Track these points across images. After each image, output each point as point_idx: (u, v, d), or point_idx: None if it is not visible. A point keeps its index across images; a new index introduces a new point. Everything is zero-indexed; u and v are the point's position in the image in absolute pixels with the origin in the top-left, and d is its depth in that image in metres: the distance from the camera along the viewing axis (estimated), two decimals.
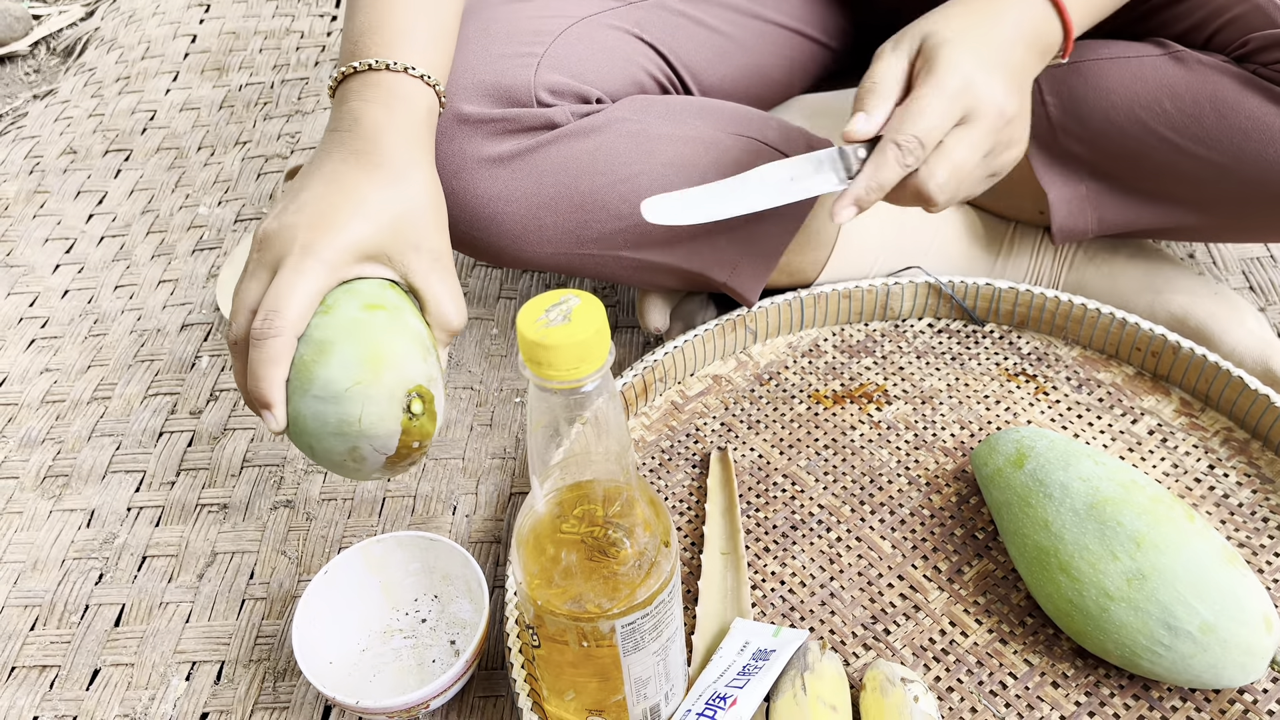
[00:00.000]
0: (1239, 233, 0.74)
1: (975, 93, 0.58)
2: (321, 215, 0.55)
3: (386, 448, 0.55)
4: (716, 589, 0.66)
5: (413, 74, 0.60)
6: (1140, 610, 0.56)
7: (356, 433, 0.54)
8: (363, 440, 0.54)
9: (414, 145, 0.59)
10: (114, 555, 0.76)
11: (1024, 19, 0.61)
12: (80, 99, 1.24)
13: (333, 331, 0.54)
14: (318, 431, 0.54)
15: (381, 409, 0.53)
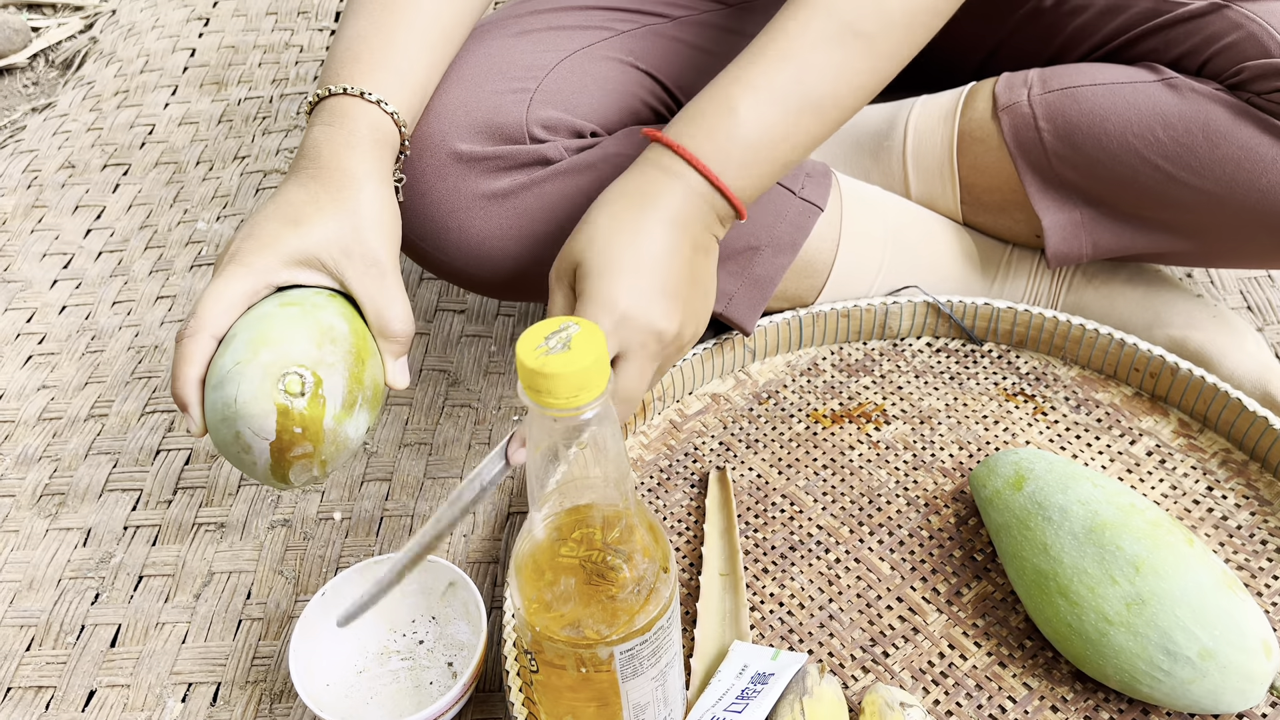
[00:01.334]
0: (1233, 259, 0.74)
1: (631, 327, 0.56)
2: (257, 227, 0.57)
3: (264, 430, 0.53)
4: (715, 611, 0.66)
5: (369, 99, 0.61)
6: (1139, 635, 0.56)
7: (234, 414, 0.53)
8: (240, 422, 0.53)
9: (363, 161, 0.60)
10: (110, 575, 0.76)
11: (683, 206, 0.58)
12: (79, 112, 1.24)
13: (240, 326, 0.55)
14: (212, 421, 0.54)
15: (254, 386, 0.53)
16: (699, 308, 0.60)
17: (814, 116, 0.61)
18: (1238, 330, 0.77)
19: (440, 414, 0.85)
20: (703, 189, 0.59)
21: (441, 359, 0.89)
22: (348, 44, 0.63)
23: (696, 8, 0.80)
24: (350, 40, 0.63)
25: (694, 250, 0.59)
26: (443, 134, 0.67)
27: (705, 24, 0.80)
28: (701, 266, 0.60)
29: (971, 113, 0.78)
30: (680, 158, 0.59)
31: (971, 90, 0.80)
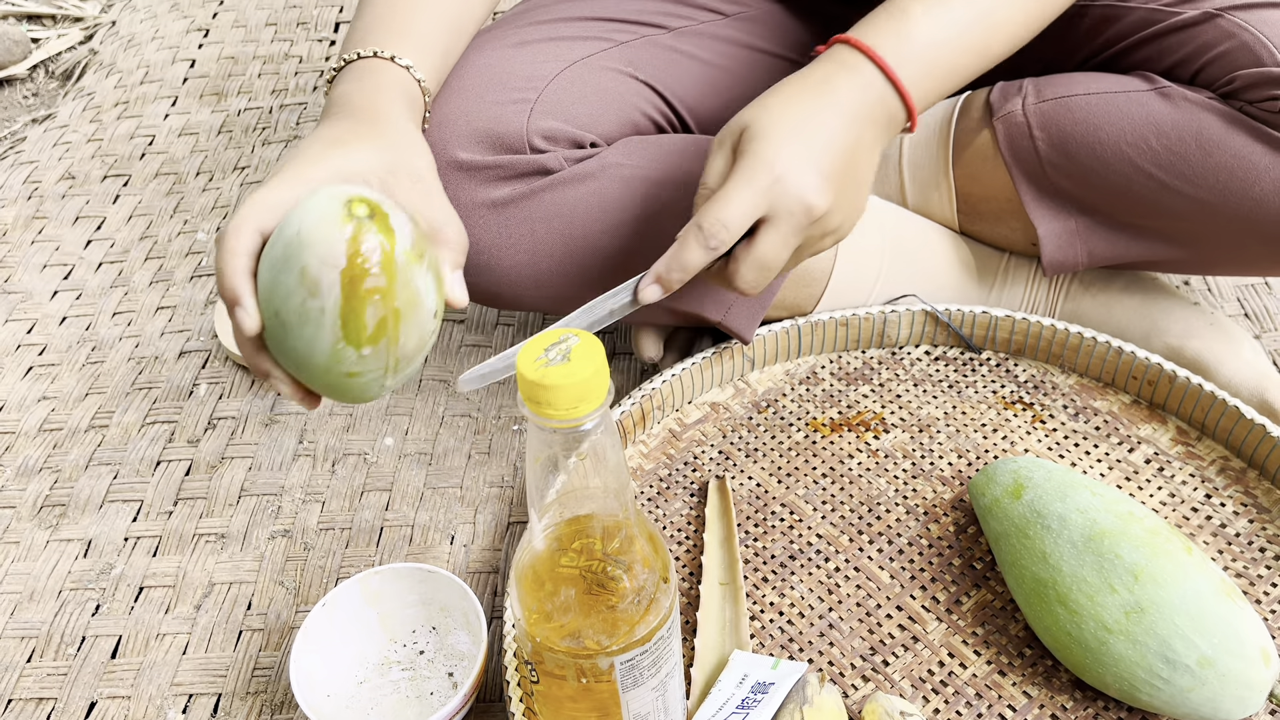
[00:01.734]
0: (1228, 267, 0.74)
1: (782, 190, 0.57)
2: (300, 151, 0.55)
3: (333, 256, 0.47)
4: (715, 621, 0.66)
5: (399, 63, 0.61)
6: (1138, 644, 0.56)
7: (299, 244, 0.48)
8: (307, 252, 0.48)
9: (395, 104, 0.60)
10: (111, 586, 0.76)
11: (859, 100, 0.60)
12: (79, 124, 1.25)
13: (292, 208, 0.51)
14: (270, 280, 0.49)
15: (320, 208, 0.48)
16: (853, 202, 0.61)
17: (983, 32, 0.63)
18: (1235, 338, 0.77)
19: (440, 424, 0.85)
20: (880, 86, 0.60)
21: (441, 369, 0.90)
22: (367, 23, 0.64)
23: (695, 18, 0.80)
24: (370, 20, 0.64)
25: (859, 146, 0.60)
26: (444, 142, 0.67)
27: (704, 34, 0.81)
28: (864, 164, 0.61)
29: (966, 122, 0.79)
30: (861, 53, 0.60)
31: (966, 99, 0.80)
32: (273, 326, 0.51)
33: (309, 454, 0.83)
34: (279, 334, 0.51)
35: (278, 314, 0.50)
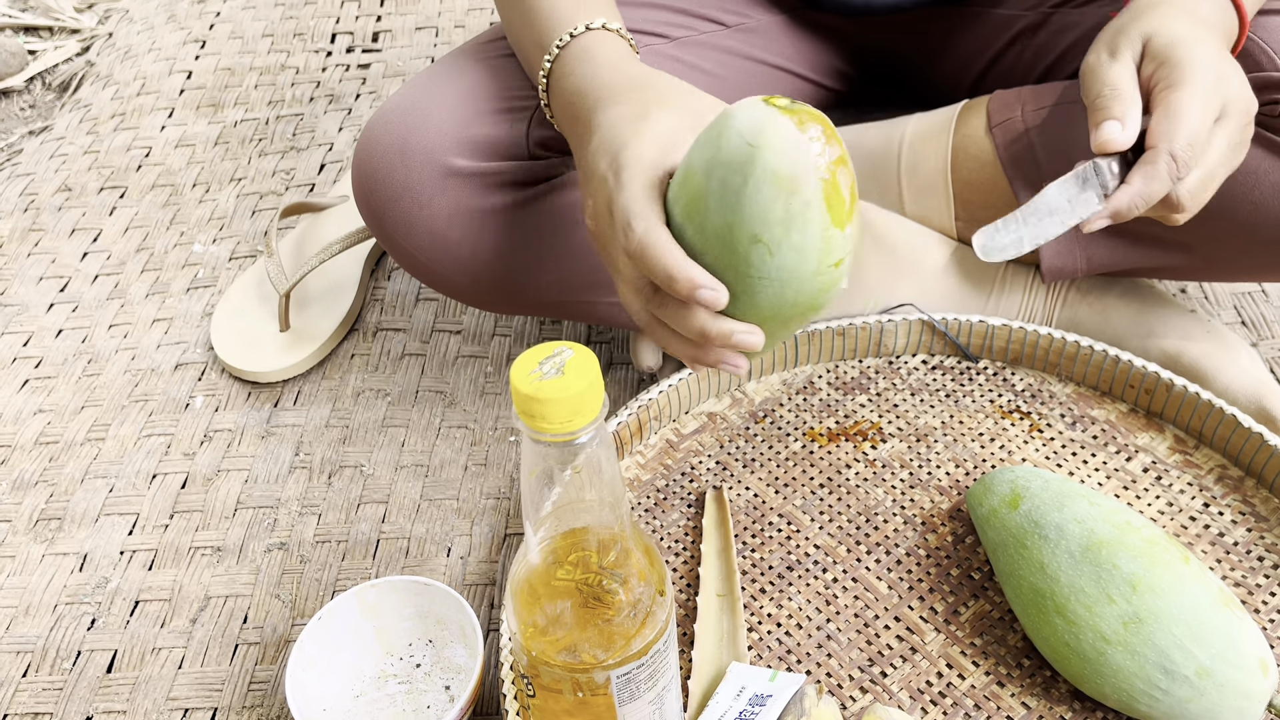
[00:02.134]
0: (1227, 272, 0.74)
1: (1225, 88, 0.53)
2: (608, 156, 0.52)
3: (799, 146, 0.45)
4: (713, 632, 0.66)
5: (610, 28, 0.60)
6: (1137, 654, 0.56)
7: (752, 161, 0.46)
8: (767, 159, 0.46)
9: (647, 68, 0.58)
10: (106, 600, 0.76)
11: (1215, 14, 0.59)
12: (75, 135, 1.25)
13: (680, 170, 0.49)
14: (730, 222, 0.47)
15: (750, 118, 0.46)
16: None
17: None
18: (1232, 345, 0.77)
19: (436, 435, 0.85)
20: (1226, 4, 0.59)
21: (438, 380, 0.90)
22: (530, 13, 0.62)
23: (697, 28, 0.81)
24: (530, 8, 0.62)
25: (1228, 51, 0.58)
26: (443, 147, 0.67)
27: (706, 45, 0.81)
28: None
29: (966, 129, 0.79)
30: None
31: (965, 107, 0.80)
32: (742, 272, 0.48)
33: (305, 466, 0.83)
34: (756, 267, 0.48)
35: (756, 240, 0.47)
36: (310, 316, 0.93)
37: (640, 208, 0.49)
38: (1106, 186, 0.54)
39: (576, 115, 0.58)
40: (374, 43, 1.34)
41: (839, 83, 0.90)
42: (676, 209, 0.49)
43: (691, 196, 0.48)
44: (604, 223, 0.52)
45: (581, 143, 0.56)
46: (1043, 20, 0.79)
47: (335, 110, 1.23)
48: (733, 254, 0.48)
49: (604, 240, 0.53)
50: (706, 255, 0.49)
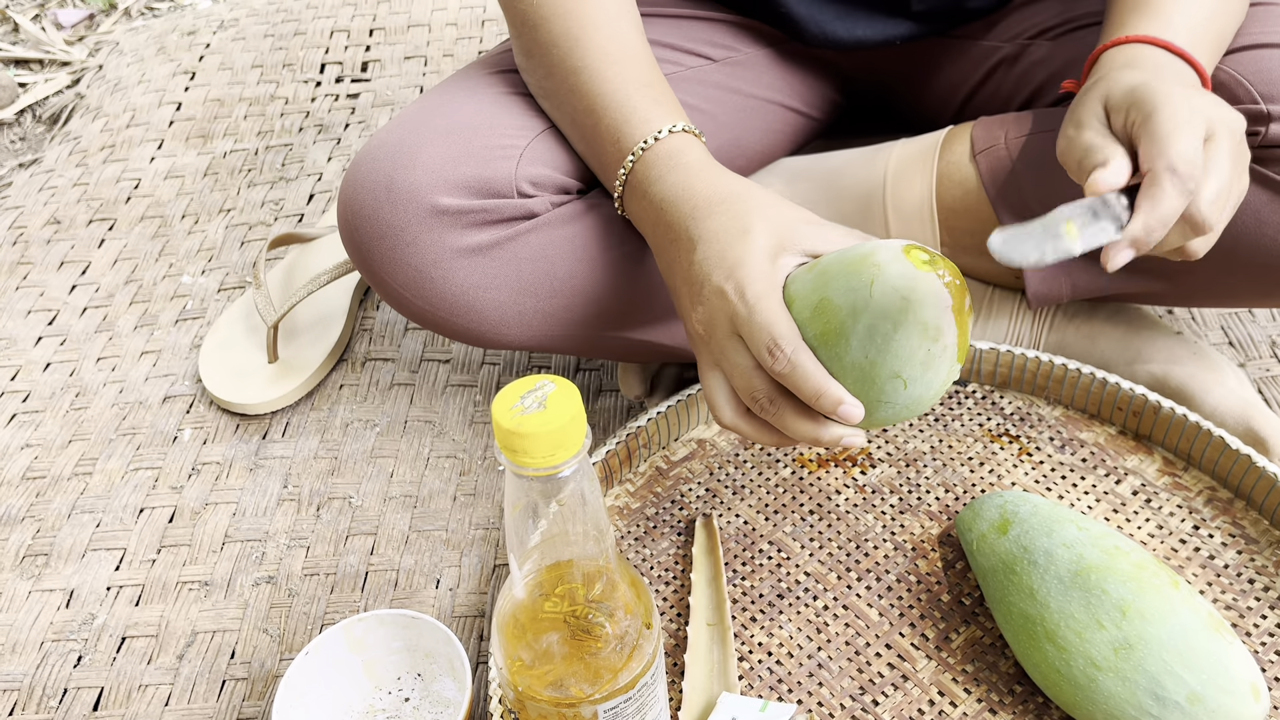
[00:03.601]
0: (1210, 298, 0.75)
1: (1208, 109, 0.54)
2: (723, 270, 0.56)
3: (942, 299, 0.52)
4: (703, 662, 0.65)
5: (687, 130, 0.63)
6: (1128, 680, 0.56)
7: (904, 309, 0.52)
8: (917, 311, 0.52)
9: (714, 171, 0.61)
10: (93, 636, 0.75)
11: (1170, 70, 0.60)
12: (65, 168, 1.25)
13: (811, 297, 0.54)
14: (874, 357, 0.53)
15: (897, 271, 0.52)
16: None
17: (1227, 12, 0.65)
18: (1219, 366, 0.77)
19: (425, 465, 0.84)
20: (1175, 64, 0.61)
21: (427, 410, 0.89)
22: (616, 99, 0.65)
23: (683, 63, 0.81)
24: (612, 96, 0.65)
25: None
26: (430, 186, 0.67)
27: (692, 80, 0.81)
28: None
29: (950, 155, 0.79)
30: (1150, 45, 0.61)
31: (949, 134, 0.81)
32: (874, 397, 0.55)
33: (293, 498, 0.83)
34: (889, 394, 0.55)
35: (895, 376, 0.54)
36: (299, 347, 0.93)
37: (784, 330, 0.54)
38: (1119, 219, 0.53)
39: (668, 222, 0.61)
40: (363, 72, 1.35)
41: (826, 112, 0.91)
42: (807, 333, 0.55)
43: (830, 330, 0.54)
44: (720, 331, 0.56)
45: (677, 251, 0.60)
46: (1020, 51, 0.80)
47: (324, 140, 1.23)
48: (870, 384, 0.54)
49: (715, 345, 0.57)
50: (839, 378, 0.55)
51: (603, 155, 0.66)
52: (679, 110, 0.65)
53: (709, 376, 0.59)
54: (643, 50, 0.67)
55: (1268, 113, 0.64)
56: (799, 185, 0.87)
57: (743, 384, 0.56)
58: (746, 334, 0.55)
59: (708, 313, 0.57)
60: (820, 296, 0.54)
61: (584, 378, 0.91)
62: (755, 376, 0.56)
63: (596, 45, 0.66)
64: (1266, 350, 0.86)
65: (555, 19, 0.67)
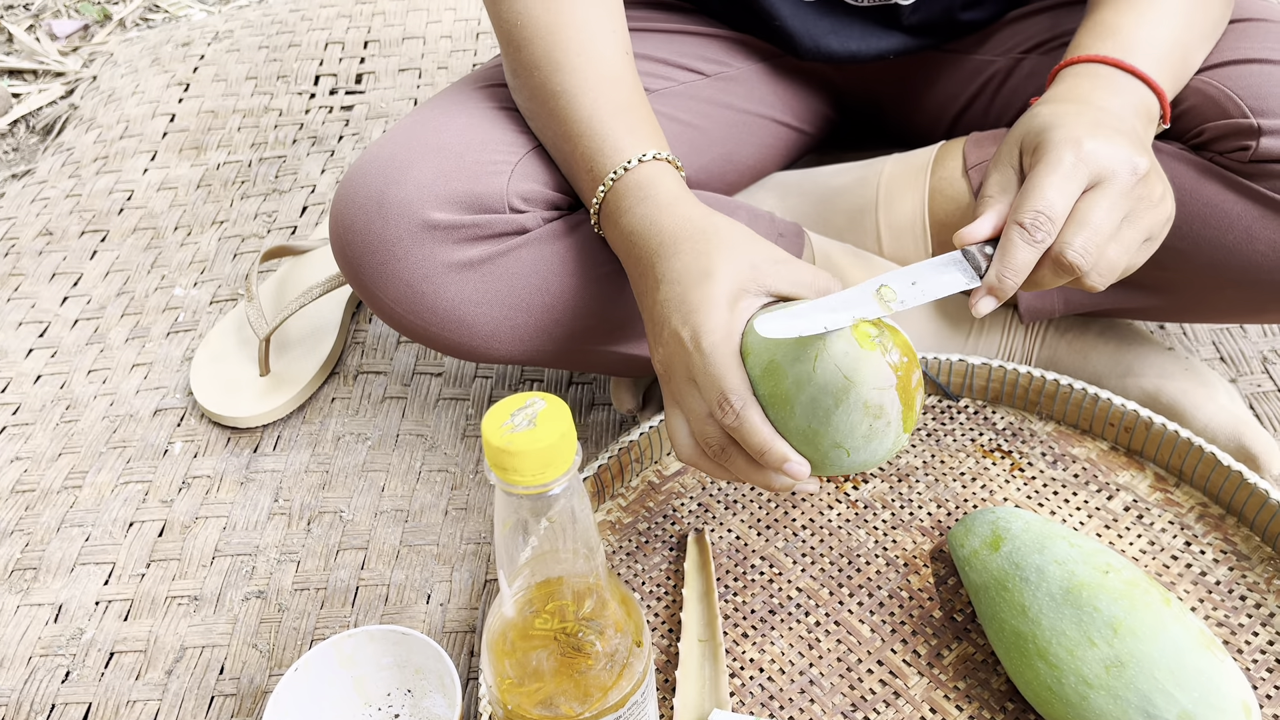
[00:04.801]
0: (1202, 314, 0.75)
1: (1096, 157, 0.55)
2: (681, 314, 0.56)
3: (885, 380, 0.53)
4: (694, 679, 0.65)
5: (661, 159, 0.63)
6: (1120, 698, 0.55)
7: (845, 389, 0.52)
8: (859, 390, 0.52)
9: (701, 206, 0.61)
10: (81, 651, 0.74)
11: (1127, 101, 0.61)
12: (58, 179, 1.25)
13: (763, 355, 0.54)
14: (817, 427, 0.53)
15: (843, 350, 0.52)
16: (1165, 177, 0.59)
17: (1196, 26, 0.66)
18: (1210, 382, 0.77)
19: (417, 479, 0.84)
20: (1143, 91, 0.62)
21: (419, 423, 0.89)
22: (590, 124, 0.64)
23: (675, 79, 0.81)
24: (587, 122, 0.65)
25: (1141, 127, 0.60)
26: (421, 201, 0.67)
27: (685, 95, 0.81)
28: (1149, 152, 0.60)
29: (942, 171, 0.79)
30: (1106, 65, 0.62)
31: (942, 149, 0.81)
32: (818, 461, 0.56)
33: (284, 513, 0.83)
34: (833, 460, 0.56)
35: (838, 446, 0.55)
36: (291, 360, 0.93)
37: (734, 384, 0.54)
38: (979, 267, 0.57)
39: (637, 256, 0.61)
40: (357, 84, 1.35)
41: (819, 127, 0.91)
42: (758, 389, 0.55)
43: (777, 394, 0.54)
44: (677, 375, 0.57)
45: (645, 286, 0.60)
46: (1013, 66, 0.80)
47: (318, 152, 1.23)
48: (814, 449, 0.55)
49: (674, 387, 0.58)
50: (787, 437, 0.55)
51: (579, 181, 0.66)
52: (655, 136, 0.65)
53: (670, 413, 0.59)
54: (623, 73, 0.67)
55: (1257, 127, 0.64)
56: (791, 200, 0.87)
57: (697, 428, 0.56)
58: (700, 383, 0.55)
59: (666, 354, 0.57)
60: (770, 358, 0.54)
61: (576, 391, 0.90)
62: (708, 423, 0.56)
63: (576, 69, 0.66)
64: (1258, 365, 0.86)
65: (537, 41, 0.67)
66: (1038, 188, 0.55)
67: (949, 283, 0.56)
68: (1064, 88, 0.62)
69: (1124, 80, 0.62)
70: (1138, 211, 0.57)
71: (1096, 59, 0.62)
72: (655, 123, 0.66)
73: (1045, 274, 0.56)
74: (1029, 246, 0.55)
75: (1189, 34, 0.65)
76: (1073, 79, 0.62)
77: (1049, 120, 0.58)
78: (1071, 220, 0.55)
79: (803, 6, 0.79)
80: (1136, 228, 0.57)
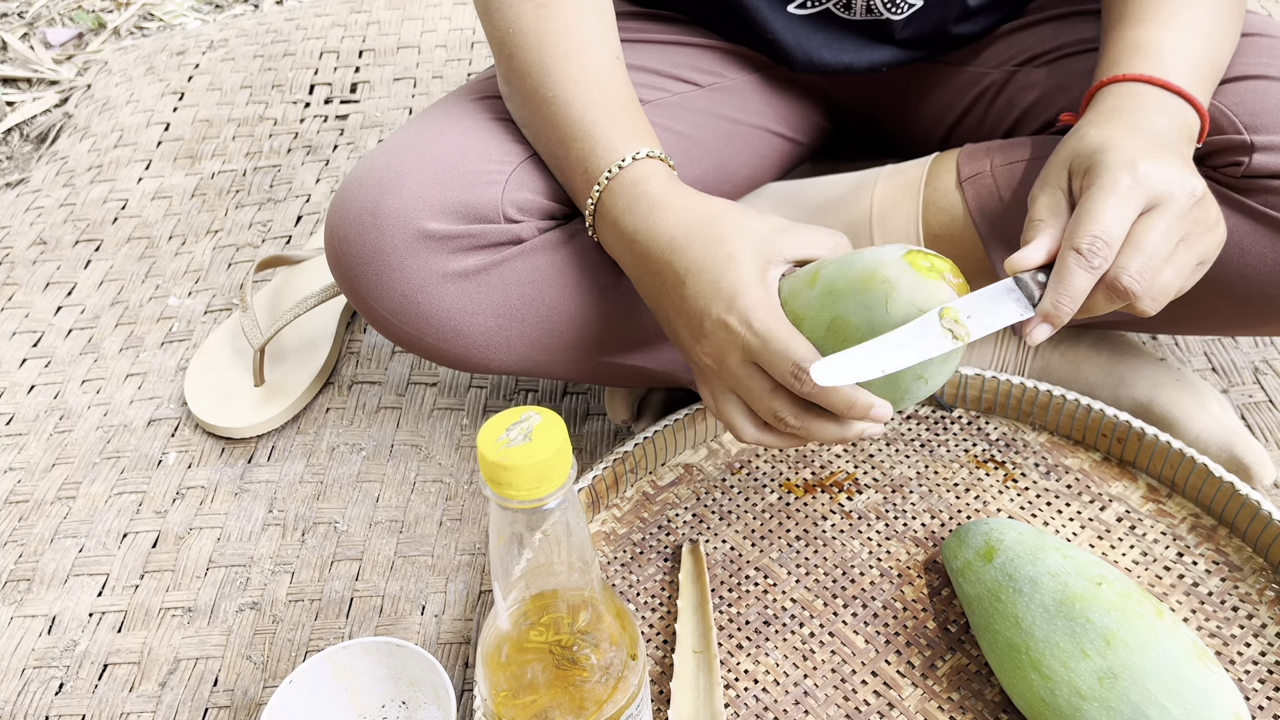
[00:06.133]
0: (1194, 327, 0.75)
1: (1153, 180, 0.54)
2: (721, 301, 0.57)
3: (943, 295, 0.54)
4: (689, 690, 0.65)
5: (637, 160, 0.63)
6: (1113, 710, 0.56)
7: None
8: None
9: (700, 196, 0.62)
10: (75, 663, 0.74)
11: (1171, 120, 0.61)
12: (52, 188, 1.25)
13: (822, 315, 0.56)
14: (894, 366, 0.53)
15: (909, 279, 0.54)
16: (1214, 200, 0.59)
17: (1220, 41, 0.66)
18: (1202, 393, 0.77)
19: (412, 490, 0.84)
20: (1185, 109, 0.61)
21: (413, 433, 0.89)
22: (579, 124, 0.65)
23: (670, 89, 0.81)
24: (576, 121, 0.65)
25: (1185, 148, 0.60)
26: (416, 211, 0.67)
27: (679, 106, 0.81)
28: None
29: (936, 183, 0.80)
30: (1147, 84, 0.61)
31: (936, 160, 0.81)
32: (896, 395, 0.57)
33: (278, 523, 0.82)
34: (913, 391, 0.57)
35: (919, 378, 0.56)
36: (285, 370, 0.93)
37: (803, 352, 0.55)
38: (1033, 296, 0.56)
39: (644, 255, 0.62)
40: (352, 94, 1.35)
41: (813, 138, 0.91)
42: (824, 350, 0.56)
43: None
44: (732, 360, 0.57)
45: (662, 285, 0.61)
46: (1007, 78, 0.81)
47: (313, 161, 1.23)
48: (895, 388, 0.57)
49: (728, 374, 0.58)
50: (864, 385, 0.56)
51: (574, 185, 0.66)
52: (646, 135, 0.65)
53: (723, 401, 0.59)
54: (613, 76, 0.67)
55: (1251, 143, 0.64)
56: (785, 210, 0.87)
57: (764, 406, 0.57)
58: (766, 362, 0.56)
59: (715, 345, 0.58)
60: (833, 315, 0.56)
61: (571, 401, 0.91)
62: (775, 398, 0.57)
63: (566, 74, 0.66)
64: (1249, 376, 0.87)
65: (529, 48, 0.67)
66: (1094, 212, 0.54)
67: (1005, 314, 0.55)
68: (1106, 107, 0.61)
69: (1167, 100, 0.61)
70: (1193, 235, 0.56)
71: (1138, 78, 0.62)
72: (648, 124, 0.67)
73: (1099, 300, 0.56)
74: (1085, 273, 0.54)
75: (1215, 49, 0.65)
76: (1114, 98, 0.62)
77: (1100, 142, 0.57)
78: (1127, 245, 0.55)
79: (795, 19, 0.80)
80: (1191, 251, 0.56)
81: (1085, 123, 0.61)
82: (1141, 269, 0.54)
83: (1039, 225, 0.58)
